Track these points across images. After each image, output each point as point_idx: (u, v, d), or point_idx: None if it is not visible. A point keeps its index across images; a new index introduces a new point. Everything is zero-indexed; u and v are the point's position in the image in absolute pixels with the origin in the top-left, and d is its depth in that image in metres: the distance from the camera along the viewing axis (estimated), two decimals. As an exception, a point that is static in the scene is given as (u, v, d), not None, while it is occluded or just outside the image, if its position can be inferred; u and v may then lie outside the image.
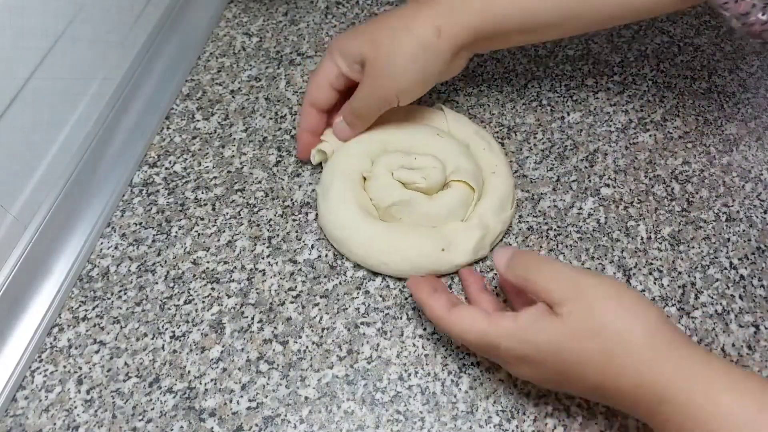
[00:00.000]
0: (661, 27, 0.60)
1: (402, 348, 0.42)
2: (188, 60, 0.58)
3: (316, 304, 0.44)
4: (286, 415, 0.39)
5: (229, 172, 0.51)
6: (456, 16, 0.42)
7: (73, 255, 0.45)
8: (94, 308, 0.44)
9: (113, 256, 0.46)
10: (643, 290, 0.44)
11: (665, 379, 0.31)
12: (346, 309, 0.44)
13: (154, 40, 0.56)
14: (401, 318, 0.43)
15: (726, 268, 0.45)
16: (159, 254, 0.46)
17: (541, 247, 0.46)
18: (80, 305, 0.44)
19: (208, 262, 0.46)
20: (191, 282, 0.45)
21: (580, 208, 0.48)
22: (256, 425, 0.39)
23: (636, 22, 0.59)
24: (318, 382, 0.41)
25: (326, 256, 0.46)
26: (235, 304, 0.44)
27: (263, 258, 0.46)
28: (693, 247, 0.46)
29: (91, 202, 0.48)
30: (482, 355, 0.40)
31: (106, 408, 0.40)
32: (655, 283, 0.44)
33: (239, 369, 0.41)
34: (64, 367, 0.41)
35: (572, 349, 0.33)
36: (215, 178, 0.50)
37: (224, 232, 0.47)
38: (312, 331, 0.43)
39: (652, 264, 0.45)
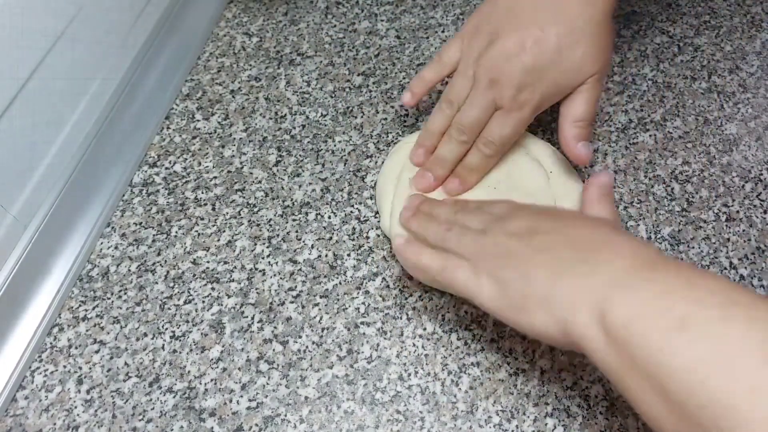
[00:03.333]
0: (661, 27, 0.60)
1: (402, 348, 0.42)
2: (188, 60, 0.58)
3: (316, 304, 0.44)
4: (286, 415, 0.39)
5: (229, 172, 0.51)
6: None
7: (73, 255, 0.45)
8: (94, 308, 0.44)
9: (113, 256, 0.46)
10: (643, 290, 0.44)
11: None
12: (346, 309, 0.44)
13: (154, 40, 0.56)
14: (401, 318, 0.43)
15: (726, 268, 0.45)
16: (159, 254, 0.46)
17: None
18: (80, 305, 0.44)
19: (208, 262, 0.46)
20: (191, 282, 0.45)
21: (580, 208, 0.48)
22: (256, 425, 0.39)
23: None
24: (318, 381, 0.41)
25: (326, 256, 0.46)
26: (235, 304, 0.44)
27: (263, 258, 0.46)
28: (693, 247, 0.46)
29: (91, 202, 0.48)
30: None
31: (106, 408, 0.40)
32: (655, 283, 0.44)
33: (239, 369, 0.41)
34: (64, 366, 0.41)
35: None
36: (215, 178, 0.50)
37: (224, 232, 0.47)
38: (312, 330, 0.43)
39: (652, 264, 0.45)
